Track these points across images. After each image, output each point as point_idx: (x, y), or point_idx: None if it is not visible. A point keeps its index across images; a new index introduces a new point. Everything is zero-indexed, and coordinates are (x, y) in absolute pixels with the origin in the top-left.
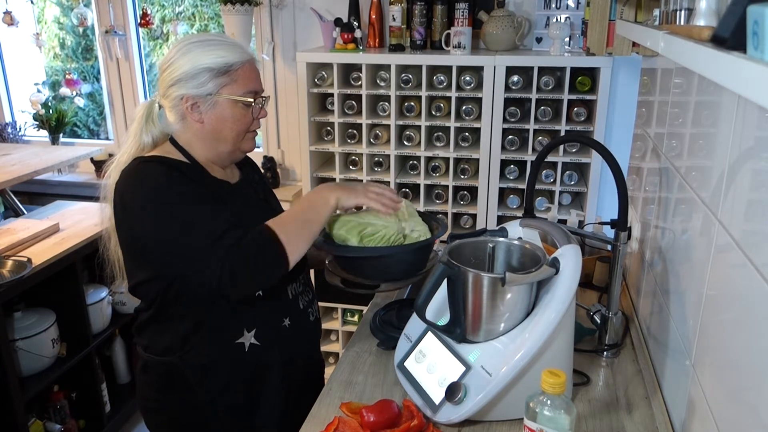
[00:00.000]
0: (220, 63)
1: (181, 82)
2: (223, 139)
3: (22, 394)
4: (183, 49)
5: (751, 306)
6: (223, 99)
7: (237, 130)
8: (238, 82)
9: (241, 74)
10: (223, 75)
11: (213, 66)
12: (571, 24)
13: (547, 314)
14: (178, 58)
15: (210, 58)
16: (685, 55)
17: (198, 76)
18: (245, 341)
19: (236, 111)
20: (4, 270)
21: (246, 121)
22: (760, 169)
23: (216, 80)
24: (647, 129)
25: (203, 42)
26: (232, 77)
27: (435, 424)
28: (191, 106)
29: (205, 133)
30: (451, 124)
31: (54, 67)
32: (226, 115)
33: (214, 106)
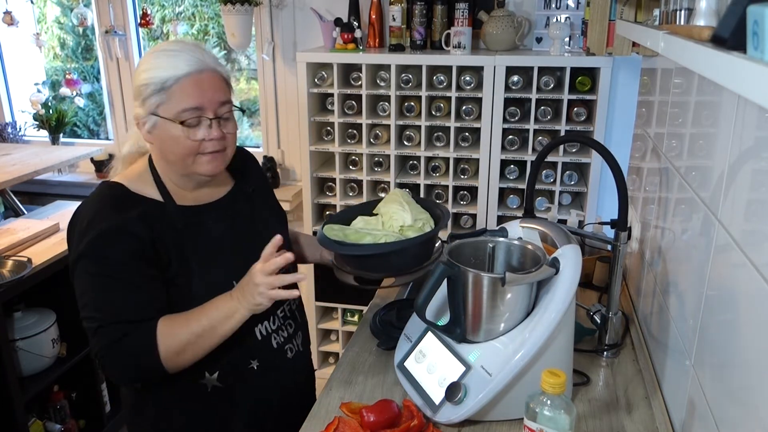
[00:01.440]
0: (155, 79)
1: (134, 99)
2: (172, 162)
3: (22, 394)
4: (142, 59)
5: (751, 306)
6: (161, 119)
7: (179, 153)
8: (175, 100)
9: (177, 90)
10: (158, 93)
11: (150, 82)
12: (571, 24)
13: (547, 314)
14: (136, 69)
15: (146, 75)
16: (685, 55)
17: (140, 94)
18: (207, 383)
19: (175, 132)
20: (4, 270)
21: (187, 143)
22: (760, 169)
23: (153, 98)
24: (647, 129)
25: (153, 54)
26: (167, 95)
27: (435, 424)
28: (139, 125)
29: (156, 153)
30: (451, 124)
31: (54, 67)
32: (165, 136)
33: (155, 127)
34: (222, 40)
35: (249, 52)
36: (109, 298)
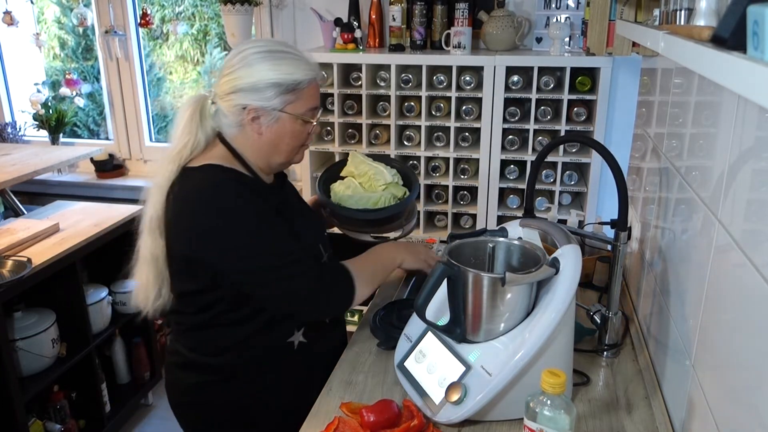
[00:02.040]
0: (289, 80)
1: (244, 92)
2: (279, 152)
3: (22, 394)
4: (251, 59)
5: (751, 306)
6: (286, 116)
7: (294, 145)
8: (303, 100)
9: (307, 92)
10: (290, 92)
11: (281, 82)
12: (571, 24)
13: (547, 314)
14: (244, 67)
15: (278, 73)
16: (685, 55)
17: (264, 90)
18: (295, 340)
19: (296, 127)
20: (4, 270)
21: (303, 136)
22: (760, 169)
23: (282, 96)
24: (647, 129)
25: (272, 54)
26: (297, 95)
27: (435, 424)
28: (252, 118)
29: (261, 144)
30: (451, 124)
31: (54, 67)
32: (286, 130)
33: (276, 121)
34: (222, 40)
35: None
36: (288, 242)
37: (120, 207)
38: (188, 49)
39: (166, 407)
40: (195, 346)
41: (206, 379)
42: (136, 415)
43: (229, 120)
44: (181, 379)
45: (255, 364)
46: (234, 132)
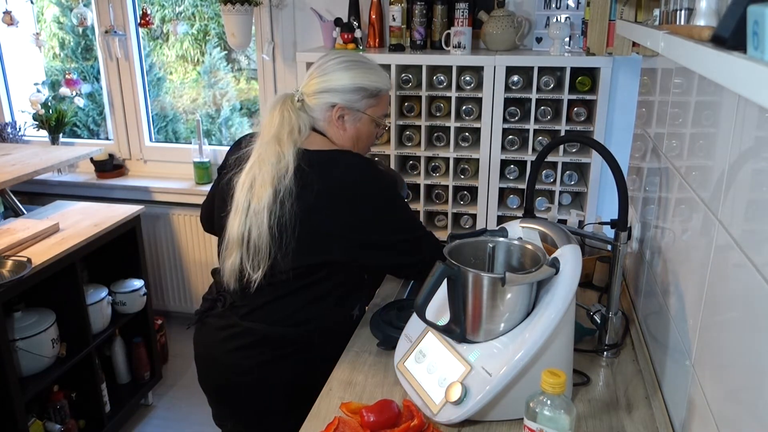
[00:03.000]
0: (374, 87)
1: (335, 93)
2: (355, 148)
3: (22, 394)
4: (344, 65)
5: (751, 306)
6: (367, 117)
7: (367, 144)
8: (380, 106)
9: (384, 99)
10: (373, 97)
11: (368, 87)
12: (571, 24)
13: (547, 314)
14: (337, 71)
15: (366, 80)
16: (685, 55)
17: (354, 93)
18: (355, 313)
19: (371, 128)
20: (4, 270)
21: (374, 137)
22: (760, 169)
23: (367, 100)
24: (647, 129)
25: (362, 63)
26: (378, 100)
27: (435, 424)
28: (339, 115)
29: (344, 140)
30: (451, 124)
31: (54, 67)
32: (364, 130)
33: (358, 121)
34: (222, 40)
35: (249, 52)
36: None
37: (120, 207)
38: (188, 49)
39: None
40: (274, 320)
41: (280, 353)
42: (136, 415)
43: (317, 115)
44: (251, 357)
45: (325, 335)
46: (323, 125)
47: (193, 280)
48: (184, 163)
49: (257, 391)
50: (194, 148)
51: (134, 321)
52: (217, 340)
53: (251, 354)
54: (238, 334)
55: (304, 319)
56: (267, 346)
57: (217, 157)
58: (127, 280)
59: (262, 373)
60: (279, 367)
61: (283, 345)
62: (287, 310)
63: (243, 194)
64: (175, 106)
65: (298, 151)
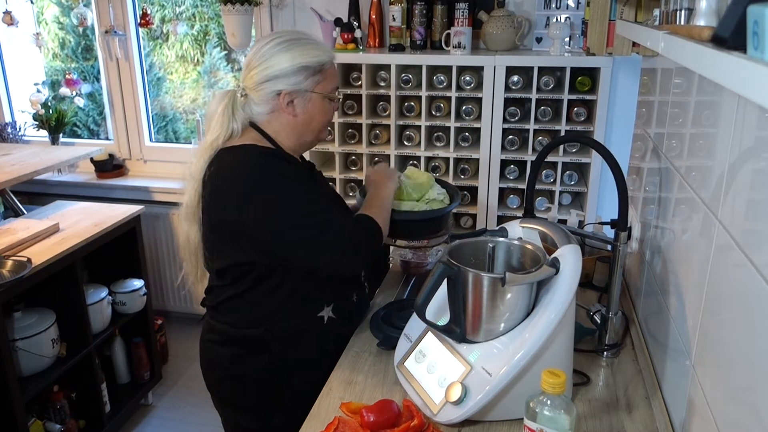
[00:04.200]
0: (315, 62)
1: (278, 79)
2: (311, 130)
3: (22, 394)
4: (278, 47)
5: (751, 306)
6: (316, 95)
7: (323, 122)
8: (328, 80)
9: (330, 72)
10: (318, 73)
11: (310, 65)
12: (571, 24)
13: (547, 314)
14: (274, 56)
15: (307, 57)
16: (685, 55)
17: (297, 74)
18: (324, 314)
19: (324, 106)
20: (4, 270)
21: (330, 114)
22: (760, 169)
23: (312, 78)
24: (647, 129)
25: (297, 41)
26: (324, 75)
27: (435, 424)
28: (288, 102)
29: (296, 125)
30: (451, 124)
31: (54, 67)
32: (317, 109)
33: (309, 101)
34: (222, 40)
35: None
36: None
37: (120, 207)
38: (188, 49)
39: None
40: (231, 320)
41: (242, 352)
42: (136, 415)
43: (262, 108)
44: (219, 354)
45: (287, 337)
46: (266, 118)
47: None
48: (184, 163)
49: (228, 386)
50: (194, 148)
51: (134, 321)
52: (201, 334)
53: (219, 350)
54: (208, 329)
55: (252, 322)
56: (231, 343)
57: None
58: (127, 280)
59: (230, 369)
60: (245, 364)
61: (239, 345)
62: (236, 311)
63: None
64: (175, 106)
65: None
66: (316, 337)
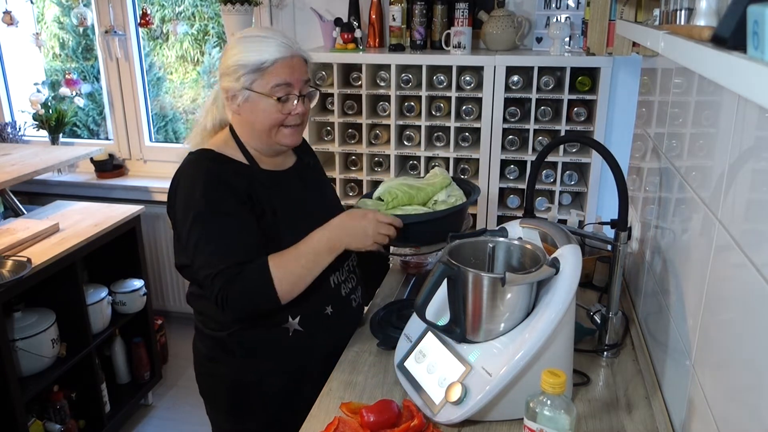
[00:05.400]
0: (254, 61)
1: (224, 75)
2: (257, 131)
3: (22, 394)
4: (231, 44)
5: (751, 306)
6: (254, 94)
7: (268, 123)
8: (267, 78)
9: (273, 71)
10: (255, 71)
11: (248, 63)
12: (571, 24)
13: (547, 314)
14: (226, 52)
15: (246, 54)
16: (685, 55)
17: (236, 71)
18: (290, 327)
19: (267, 105)
20: (4, 270)
21: (277, 115)
22: (760, 169)
23: (248, 76)
24: (647, 129)
25: (245, 39)
26: (262, 73)
27: (435, 424)
28: (229, 98)
29: (243, 124)
30: (451, 124)
31: (54, 67)
32: (258, 108)
33: (246, 100)
34: (222, 40)
35: None
36: (224, 243)
37: (120, 207)
38: (188, 49)
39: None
40: (202, 319)
41: (214, 353)
42: (136, 415)
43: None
44: (199, 350)
45: (252, 346)
46: (230, 117)
47: None
48: None
49: (203, 383)
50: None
51: (134, 321)
52: None
53: (200, 346)
54: (195, 326)
55: (223, 324)
56: (206, 342)
57: None
58: (127, 280)
59: (205, 366)
60: (218, 363)
61: (214, 345)
62: (207, 311)
63: None
64: (175, 105)
65: None
66: (281, 349)
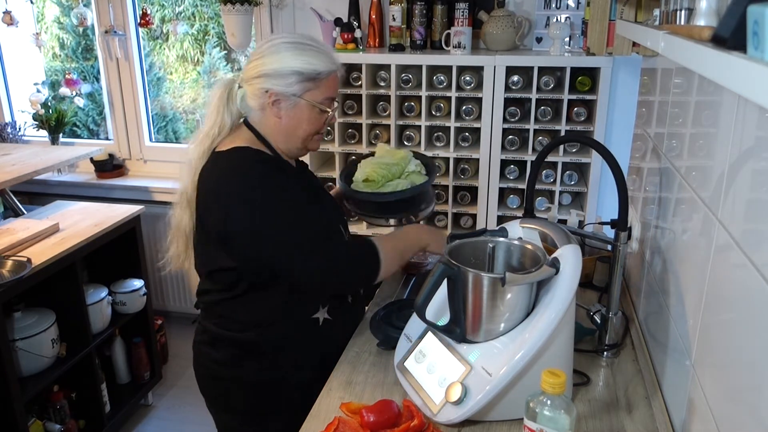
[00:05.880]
0: (310, 70)
1: (268, 77)
2: (295, 137)
3: (22, 394)
4: (276, 47)
5: (751, 306)
6: (304, 102)
7: (309, 131)
8: (321, 90)
9: (326, 83)
10: (310, 81)
11: (302, 71)
12: (571, 24)
13: (547, 314)
14: (272, 54)
15: (301, 62)
16: (685, 55)
17: (287, 77)
18: (320, 316)
19: (312, 114)
20: (4, 270)
21: (318, 124)
22: (760, 169)
23: (302, 84)
24: (647, 129)
25: (298, 44)
26: (316, 84)
27: (435, 424)
28: (273, 102)
29: (281, 128)
30: (451, 124)
31: (54, 67)
32: (303, 116)
33: (294, 107)
34: (222, 40)
35: (249, 52)
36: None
37: (120, 207)
38: (188, 49)
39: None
40: (222, 323)
41: (233, 354)
42: (136, 415)
43: (253, 103)
44: (209, 356)
45: (281, 340)
46: (258, 116)
47: (193, 280)
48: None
49: (222, 390)
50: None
51: (134, 321)
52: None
53: (213, 353)
54: (200, 331)
55: (252, 324)
56: (224, 345)
57: None
58: (127, 280)
59: (224, 372)
60: (240, 367)
61: (235, 347)
62: (234, 313)
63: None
64: (175, 106)
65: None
66: (310, 340)
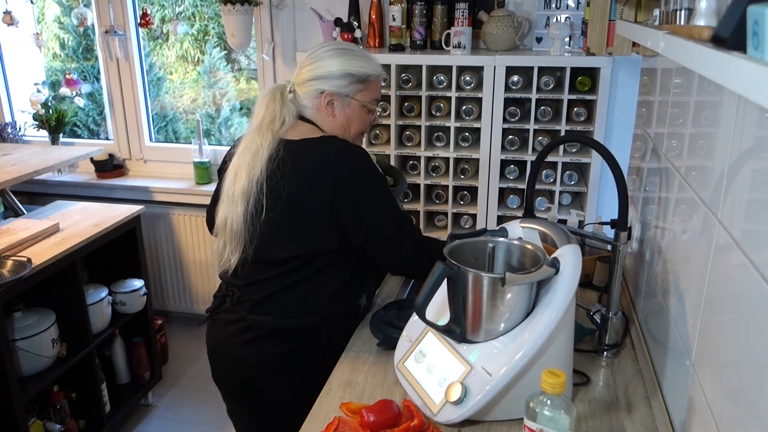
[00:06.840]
0: (361, 72)
1: (323, 79)
2: (347, 134)
3: (22, 394)
4: (332, 52)
5: (751, 306)
6: (356, 102)
7: (358, 129)
8: (369, 91)
9: (373, 85)
10: (361, 83)
11: (356, 73)
12: (571, 24)
13: (547, 314)
14: (325, 58)
15: (353, 66)
16: (685, 55)
17: (342, 78)
18: (361, 302)
19: (362, 113)
20: (4, 270)
21: (365, 124)
22: (760, 169)
23: (354, 85)
24: (647, 129)
25: (350, 51)
26: (366, 85)
27: (435, 424)
28: (327, 102)
29: (334, 126)
30: (451, 124)
31: (54, 67)
32: (354, 115)
33: (347, 106)
34: (222, 40)
35: (249, 52)
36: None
37: (120, 207)
38: (188, 49)
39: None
40: (290, 310)
41: (289, 345)
42: (136, 415)
43: (306, 103)
44: (261, 350)
45: (333, 325)
46: (313, 112)
47: (193, 280)
48: (184, 163)
49: (269, 384)
50: (194, 148)
51: (134, 321)
52: (227, 335)
53: (261, 347)
54: (246, 327)
55: (308, 311)
56: (275, 338)
57: (216, 157)
58: (127, 280)
59: (273, 365)
60: (289, 359)
61: (290, 337)
62: (290, 301)
63: (229, 183)
64: (175, 106)
65: (279, 141)
66: (350, 325)
